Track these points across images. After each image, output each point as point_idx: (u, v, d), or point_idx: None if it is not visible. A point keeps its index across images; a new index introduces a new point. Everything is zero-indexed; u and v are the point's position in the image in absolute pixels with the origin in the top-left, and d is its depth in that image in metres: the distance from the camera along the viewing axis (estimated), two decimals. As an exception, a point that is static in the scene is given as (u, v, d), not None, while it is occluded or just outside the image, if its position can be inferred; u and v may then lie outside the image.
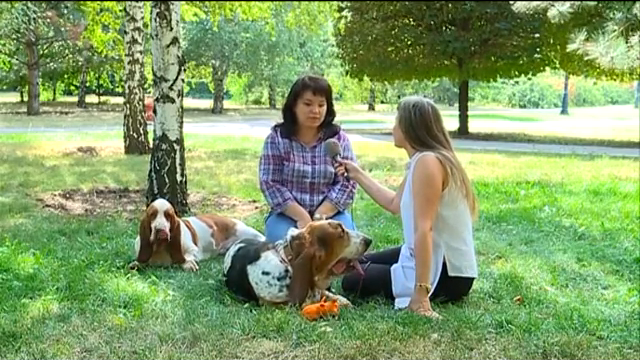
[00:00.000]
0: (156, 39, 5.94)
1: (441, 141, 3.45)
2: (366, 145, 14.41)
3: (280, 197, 4.34)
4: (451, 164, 3.37)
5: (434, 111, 3.49)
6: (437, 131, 3.46)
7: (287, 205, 4.32)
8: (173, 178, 5.97)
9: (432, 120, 3.46)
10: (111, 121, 24.17)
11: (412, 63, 20.62)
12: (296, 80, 4.48)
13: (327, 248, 3.33)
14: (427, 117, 3.46)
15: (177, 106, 5.98)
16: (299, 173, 4.36)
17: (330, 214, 4.31)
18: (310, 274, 3.31)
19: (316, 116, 4.29)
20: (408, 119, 3.48)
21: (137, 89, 11.93)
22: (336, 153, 4.00)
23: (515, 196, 7.22)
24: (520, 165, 10.88)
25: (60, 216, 5.92)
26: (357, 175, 3.94)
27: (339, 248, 3.36)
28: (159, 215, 4.19)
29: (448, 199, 3.37)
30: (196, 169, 9.61)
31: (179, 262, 4.20)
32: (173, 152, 5.97)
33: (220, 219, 4.94)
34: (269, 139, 4.45)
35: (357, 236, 3.42)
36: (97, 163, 10.46)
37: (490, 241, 4.99)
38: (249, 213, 6.23)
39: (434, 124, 3.46)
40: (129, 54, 11.82)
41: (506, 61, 19.61)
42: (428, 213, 3.31)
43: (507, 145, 16.89)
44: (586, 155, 12.81)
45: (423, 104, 3.48)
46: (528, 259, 4.41)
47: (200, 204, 6.63)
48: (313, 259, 3.30)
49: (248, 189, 7.55)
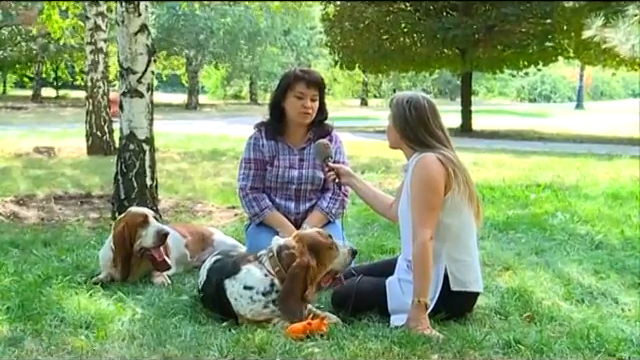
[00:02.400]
0: (122, 26, 5.92)
1: (441, 139, 3.45)
2: (358, 145, 14.42)
3: (257, 207, 4.34)
4: (453, 165, 3.38)
5: (431, 106, 3.49)
6: (436, 128, 3.46)
7: (265, 215, 4.33)
8: (142, 182, 5.94)
9: (429, 116, 3.46)
10: (71, 118, 24.06)
11: (409, 53, 20.69)
12: (286, 73, 4.49)
13: (318, 258, 3.37)
14: (423, 113, 3.46)
15: (146, 101, 5.96)
16: (284, 179, 4.35)
17: (320, 225, 4.31)
18: (305, 286, 3.32)
19: (308, 111, 4.30)
20: (403, 117, 3.48)
21: (101, 82, 11.87)
22: (327, 156, 3.98)
23: (524, 201, 7.25)
24: (530, 166, 10.92)
25: (12, 225, 5.88)
26: (350, 180, 3.94)
27: (329, 259, 3.42)
28: (152, 220, 4.18)
29: (451, 204, 3.37)
30: (168, 172, 9.58)
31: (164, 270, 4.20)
32: (142, 153, 5.94)
33: (195, 228, 4.92)
34: (252, 140, 4.44)
35: (344, 246, 3.49)
36: (55, 165, 10.40)
37: (496, 251, 5.00)
38: (228, 221, 6.21)
39: (432, 120, 3.46)
40: (91, 42, 11.76)
41: (514, 50, 19.66)
42: (428, 220, 3.31)
43: (515, 144, 16.96)
44: (604, 155, 12.89)
45: (418, 99, 3.48)
46: (539, 271, 4.42)
47: (172, 211, 6.61)
48: (308, 269, 3.32)
49: (226, 194, 7.53)
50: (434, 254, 3.33)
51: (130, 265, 4.16)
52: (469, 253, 3.48)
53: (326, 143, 4.05)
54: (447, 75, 40.79)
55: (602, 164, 11.14)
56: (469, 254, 3.48)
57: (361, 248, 4.95)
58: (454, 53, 20.57)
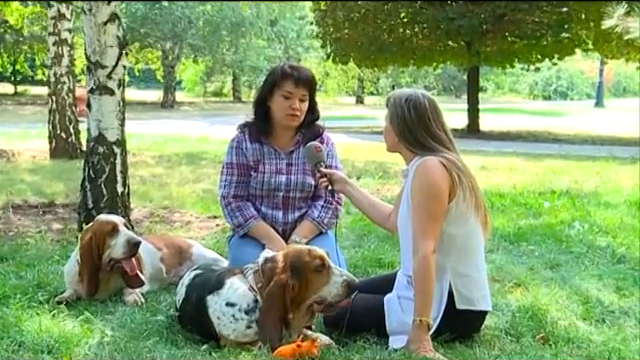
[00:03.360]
0: (89, 14, 5.91)
1: (443, 141, 3.46)
2: (353, 147, 14.44)
3: (241, 216, 4.34)
4: (458, 169, 3.38)
5: (432, 105, 3.49)
6: (438, 129, 3.46)
7: (250, 225, 4.33)
8: (112, 189, 5.93)
9: (430, 116, 3.46)
10: (31, 117, 23.95)
11: (409, 45, 20.73)
12: (273, 68, 4.48)
13: (300, 280, 3.28)
14: (424, 112, 3.46)
15: (117, 99, 5.95)
16: (270, 185, 4.35)
17: (311, 236, 4.32)
18: (283, 308, 3.28)
19: (296, 113, 4.28)
20: (401, 117, 3.48)
21: (66, 77, 11.85)
22: (319, 160, 3.97)
23: (538, 209, 7.27)
24: (544, 171, 10.95)
25: (-35, 238, 5.85)
26: (345, 187, 3.93)
27: (315, 284, 3.31)
28: (122, 228, 4.16)
29: (455, 213, 3.37)
30: (141, 177, 9.56)
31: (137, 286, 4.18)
32: (112, 156, 5.93)
33: (172, 240, 4.91)
34: (235, 143, 4.44)
35: (340, 275, 3.34)
36: (13, 170, 10.37)
37: (507, 265, 5.01)
38: (208, 232, 6.20)
39: (433, 121, 3.47)
40: (54, 32, 11.72)
41: (526, 42, 19.65)
42: (431, 231, 3.31)
43: (527, 146, 17.02)
44: (626, 158, 12.95)
45: (417, 97, 3.48)
46: (554, 287, 4.43)
47: (146, 221, 6.60)
48: (285, 288, 3.27)
49: (207, 202, 7.53)
50: (437, 268, 3.32)
51: (98, 281, 4.14)
52: (476, 267, 3.48)
53: (318, 146, 4.03)
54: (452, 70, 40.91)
55: (625, 168, 11.18)
56: (476, 268, 3.48)
57: (356, 262, 4.97)
58: (459, 45, 20.61)
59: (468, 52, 20.27)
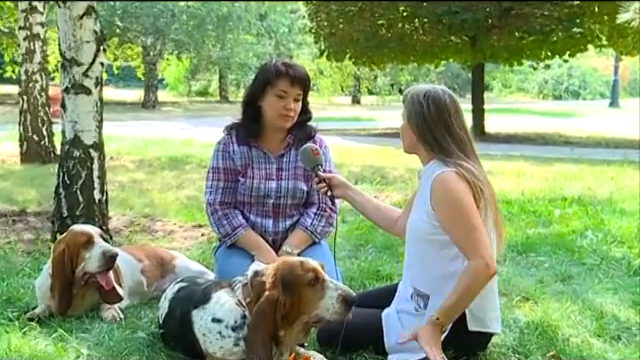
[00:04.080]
0: (64, 7, 5.90)
1: (464, 144, 3.40)
2: (348, 151, 14.43)
3: (228, 225, 4.33)
4: (477, 179, 3.33)
5: (453, 102, 3.45)
6: (459, 129, 3.42)
7: (238, 235, 4.31)
8: (89, 196, 5.92)
9: (451, 114, 3.42)
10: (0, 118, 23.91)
11: (409, 41, 20.75)
12: (265, 65, 4.43)
13: (292, 295, 3.23)
14: (444, 110, 3.40)
15: (94, 99, 5.94)
16: (259, 192, 4.33)
17: (303, 247, 4.31)
18: (273, 325, 3.26)
19: (290, 114, 4.27)
20: (420, 114, 3.40)
21: (38, 75, 11.83)
22: (317, 164, 3.95)
23: (547, 217, 7.28)
24: (554, 176, 10.97)
25: None
26: (346, 193, 3.91)
27: (309, 299, 3.26)
28: (97, 240, 4.15)
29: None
30: (121, 183, 9.55)
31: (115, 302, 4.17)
32: (89, 161, 5.92)
33: (153, 251, 4.90)
34: (221, 146, 4.42)
35: (335, 288, 3.28)
36: (-18, 176, 10.34)
37: (514, 278, 5.01)
38: (193, 242, 6.20)
39: (454, 119, 3.42)
40: (25, 27, 11.70)
41: (535, 37, 19.65)
42: (479, 243, 3.24)
43: (537, 149, 17.05)
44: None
45: (437, 93, 3.43)
46: (565, 302, 4.43)
47: (126, 231, 6.59)
48: (276, 305, 3.25)
49: (191, 209, 7.52)
50: (452, 278, 3.28)
51: (72, 296, 4.12)
52: (491, 286, 3.40)
53: (315, 148, 4.00)
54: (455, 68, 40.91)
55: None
56: (491, 287, 3.40)
57: (352, 274, 4.97)
58: (463, 41, 20.64)
59: (472, 48, 20.29)
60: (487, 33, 19.68)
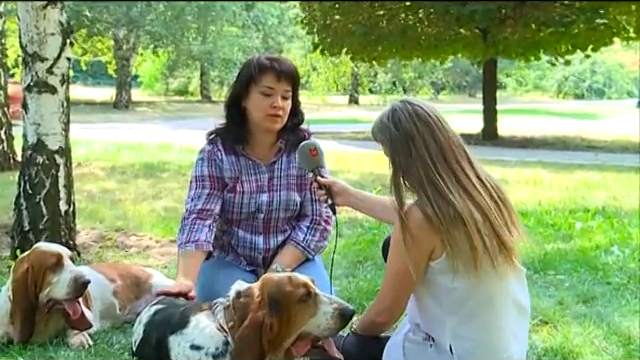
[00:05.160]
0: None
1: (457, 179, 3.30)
2: (345, 156, 14.44)
3: (187, 235, 4.18)
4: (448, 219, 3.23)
5: (432, 122, 3.33)
6: (450, 165, 3.31)
7: (185, 249, 4.15)
8: (54, 207, 5.90)
9: (423, 130, 3.32)
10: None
11: (413, 34, 20.77)
12: (247, 61, 4.40)
13: (282, 315, 3.22)
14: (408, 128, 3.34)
15: (60, 98, 5.93)
16: (250, 208, 4.29)
17: (294, 264, 4.29)
18: (259, 351, 3.26)
19: (278, 112, 4.23)
20: (389, 140, 3.37)
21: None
22: (317, 166, 3.95)
23: (568, 231, 7.29)
24: (575, 185, 10.99)
25: None
26: (349, 200, 3.90)
27: (300, 317, 3.26)
28: (67, 262, 4.12)
29: (448, 267, 3.27)
30: (90, 193, 9.54)
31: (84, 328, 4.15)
32: (54, 168, 5.91)
33: (127, 269, 4.88)
34: (206, 154, 4.32)
35: (330, 303, 3.29)
36: None
37: (531, 298, 5.00)
38: (171, 259, 6.18)
39: (436, 154, 3.29)
40: (-20, 18, 11.72)
41: (554, 29, 19.61)
42: (389, 293, 3.44)
43: (556, 154, 17.07)
44: (676, 169, 12.98)
45: (402, 109, 3.35)
46: (588, 326, 4.43)
47: (95, 246, 6.57)
48: (262, 329, 3.24)
49: (169, 222, 7.51)
50: (435, 324, 3.30)
51: (34, 322, 4.09)
52: (488, 329, 3.31)
53: (314, 146, 3.98)
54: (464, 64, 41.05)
55: (673, 182, 11.21)
56: (488, 331, 3.31)
57: (350, 294, 4.97)
58: (473, 34, 20.67)
59: (484, 42, 20.32)
60: (500, 25, 19.69)
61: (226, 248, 4.43)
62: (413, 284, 3.29)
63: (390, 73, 47.18)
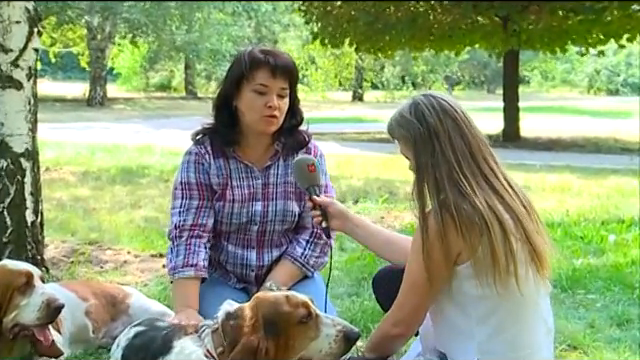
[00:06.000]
0: (-12, -21, 5.91)
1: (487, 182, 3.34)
2: (348, 160, 14.43)
3: (183, 258, 4.16)
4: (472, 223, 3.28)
5: (459, 118, 3.37)
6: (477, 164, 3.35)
7: (183, 274, 4.14)
8: (19, 217, 5.89)
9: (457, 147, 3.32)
10: None
11: (424, 23, 20.78)
12: (239, 54, 4.34)
13: (279, 338, 3.21)
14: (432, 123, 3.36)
15: (26, 94, 5.93)
16: (242, 218, 4.26)
17: (291, 283, 4.27)
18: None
19: (274, 113, 4.18)
20: (413, 138, 3.36)
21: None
22: (313, 184, 3.93)
23: (600, 244, 7.29)
24: (608, 192, 11.00)
25: None
26: (346, 225, 3.87)
27: (300, 341, 3.25)
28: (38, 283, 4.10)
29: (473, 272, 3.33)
30: (60, 202, 9.55)
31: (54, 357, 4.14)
32: (20, 173, 5.90)
33: (101, 288, 4.87)
34: (192, 157, 4.28)
35: (333, 324, 3.29)
36: None
37: (558, 320, 4.99)
38: (151, 276, 6.19)
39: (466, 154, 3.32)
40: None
41: (583, 17, 19.62)
42: (408, 302, 3.41)
43: (586, 158, 17.09)
44: None
45: (425, 103, 3.37)
46: (623, 351, 4.44)
47: (66, 261, 6.58)
48: (256, 355, 3.24)
49: (149, 235, 7.51)
50: (461, 337, 3.32)
51: (0, 345, 4.10)
52: (517, 346, 3.35)
53: (311, 162, 3.96)
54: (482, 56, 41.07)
55: None
56: (516, 347, 3.35)
57: (353, 316, 4.96)
58: (493, 22, 20.69)
59: (504, 31, 20.33)
60: (522, 12, 19.68)
61: (214, 264, 4.39)
62: (435, 292, 3.30)
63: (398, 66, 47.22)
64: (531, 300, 3.34)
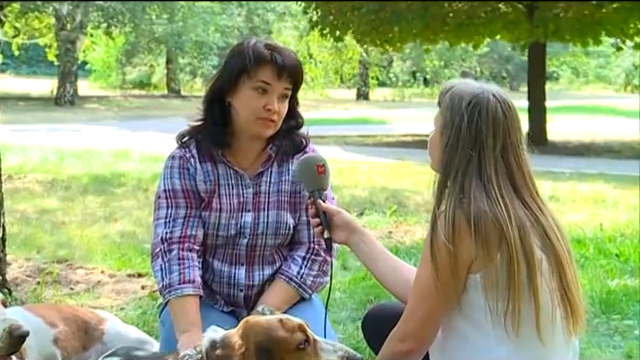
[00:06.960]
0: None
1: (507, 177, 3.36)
2: (352, 167, 14.44)
3: (178, 274, 4.11)
4: None
5: (507, 116, 3.35)
6: (501, 155, 3.34)
7: (182, 292, 4.05)
8: (-22, 232, 5.93)
9: (497, 134, 3.34)
10: None
11: (438, 12, 20.79)
12: (239, 46, 4.25)
13: None
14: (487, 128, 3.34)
15: (-13, 92, 5.96)
16: (230, 230, 4.22)
17: (286, 306, 4.27)
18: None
19: (272, 117, 4.13)
20: (457, 128, 3.39)
21: None
22: (319, 187, 3.89)
23: (638, 263, 7.29)
24: (646, 204, 11.00)
25: None
26: (350, 239, 3.84)
27: None
28: (1, 308, 4.11)
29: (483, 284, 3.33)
30: (24, 214, 9.57)
31: None
32: (-21, 181, 5.94)
33: (72, 312, 4.88)
34: (177, 161, 4.23)
35: (334, 350, 3.28)
36: None
37: (589, 349, 5.02)
38: (128, 299, 6.20)
39: (498, 140, 3.33)
40: None
41: (619, 5, 19.62)
42: (417, 314, 3.40)
43: (621, 165, 17.12)
44: None
45: (488, 101, 3.32)
46: (663, 383, 4.46)
47: (32, 282, 6.60)
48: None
49: (126, 251, 7.51)
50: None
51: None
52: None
53: (321, 162, 3.92)
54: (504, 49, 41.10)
55: None
56: None
57: (356, 343, 4.99)
58: (516, 10, 20.72)
59: (529, 20, 20.34)
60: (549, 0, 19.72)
61: None
62: (447, 302, 3.30)
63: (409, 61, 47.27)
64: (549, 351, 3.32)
